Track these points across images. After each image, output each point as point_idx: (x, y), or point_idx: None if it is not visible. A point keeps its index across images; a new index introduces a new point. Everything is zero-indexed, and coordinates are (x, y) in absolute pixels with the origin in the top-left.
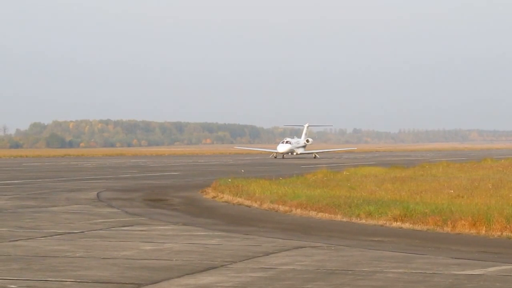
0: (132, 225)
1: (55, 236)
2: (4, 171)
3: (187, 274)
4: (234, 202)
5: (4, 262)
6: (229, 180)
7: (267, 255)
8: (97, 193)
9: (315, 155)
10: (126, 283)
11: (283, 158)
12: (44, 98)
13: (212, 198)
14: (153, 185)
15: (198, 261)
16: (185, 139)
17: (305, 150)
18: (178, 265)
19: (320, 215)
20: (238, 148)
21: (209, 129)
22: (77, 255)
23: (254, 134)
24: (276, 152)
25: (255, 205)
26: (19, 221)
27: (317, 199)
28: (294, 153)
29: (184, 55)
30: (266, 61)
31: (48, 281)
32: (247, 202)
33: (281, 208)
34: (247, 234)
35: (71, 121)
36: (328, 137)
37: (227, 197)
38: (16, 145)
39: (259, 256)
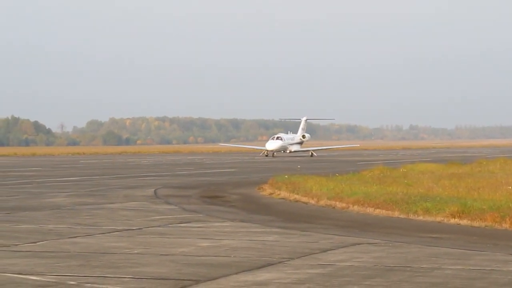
0: (189, 222)
1: (113, 233)
2: (62, 168)
3: (245, 271)
4: (291, 198)
5: (63, 259)
6: (286, 176)
7: (325, 251)
8: (154, 190)
9: (311, 153)
10: (184, 280)
11: (273, 156)
12: (101, 96)
13: (269, 195)
14: (210, 182)
15: (256, 258)
16: (241, 136)
17: (301, 148)
18: (235, 261)
19: (377, 211)
20: (222, 145)
21: (265, 126)
22: (135, 251)
23: (310, 131)
24: (266, 150)
25: (312, 201)
26: (78, 218)
27: (374, 196)
28: (288, 151)
29: (238, 52)
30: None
31: (107, 278)
32: (304, 199)
33: (338, 204)
34: (305, 231)
35: (128, 119)
36: (384, 133)
37: (284, 193)
38: (74, 143)
39: (317, 253)
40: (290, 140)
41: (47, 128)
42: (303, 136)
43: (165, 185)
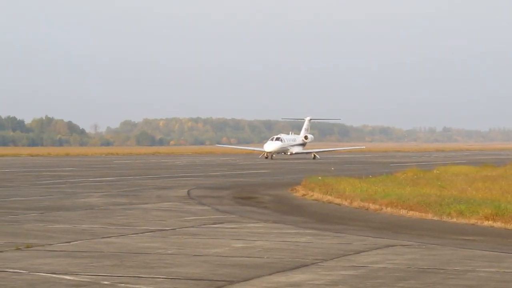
0: (222, 223)
1: (147, 233)
2: (96, 168)
3: (278, 272)
4: (324, 200)
5: (97, 259)
6: (319, 178)
7: (358, 253)
8: (188, 191)
9: (314, 155)
10: (217, 280)
11: (271, 158)
12: (135, 97)
13: (302, 196)
14: (243, 183)
15: (289, 259)
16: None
17: (303, 149)
18: (269, 262)
19: (410, 213)
20: (220, 146)
21: (298, 127)
22: (169, 252)
23: (343, 132)
24: (265, 152)
25: (345, 203)
26: (111, 218)
27: (408, 198)
28: (288, 153)
29: (273, 53)
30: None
31: (141, 278)
32: (337, 200)
33: (371, 206)
34: (338, 232)
35: (161, 119)
36: (417, 135)
37: (317, 195)
38: (107, 143)
39: (350, 254)
40: (291, 141)
41: (80, 128)
42: (306, 137)
43: (199, 185)
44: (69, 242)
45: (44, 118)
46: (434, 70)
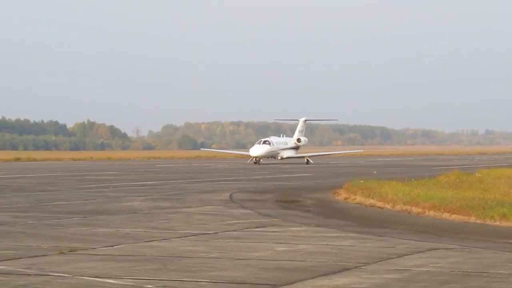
0: (265, 226)
1: (189, 237)
2: (138, 172)
3: (321, 275)
4: (367, 203)
5: (140, 262)
6: (361, 181)
7: (401, 256)
8: (230, 195)
9: (307, 160)
10: (260, 284)
11: (258, 163)
12: (177, 101)
13: (344, 199)
14: (285, 187)
15: (332, 263)
16: (316, 140)
17: (296, 153)
18: (312, 266)
19: (453, 217)
20: (204, 150)
21: (339, 130)
22: (212, 255)
23: (385, 135)
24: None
25: (388, 206)
26: (154, 222)
27: (450, 201)
28: (279, 157)
29: (313, 55)
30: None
31: (184, 281)
32: (380, 204)
33: (414, 209)
34: (381, 236)
35: (203, 123)
36: (459, 138)
37: (359, 198)
38: (149, 147)
39: (393, 258)
40: (281, 144)
41: (122, 132)
42: (298, 140)
43: (241, 189)
44: (112, 246)
45: (86, 122)
46: (476, 71)
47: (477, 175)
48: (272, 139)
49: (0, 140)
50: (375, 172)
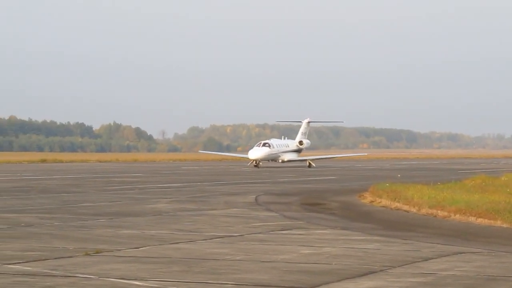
0: (290, 229)
1: (214, 239)
2: (164, 174)
3: (346, 279)
4: (392, 207)
5: (166, 265)
6: (387, 184)
7: (426, 260)
8: (255, 197)
9: (309, 163)
10: (285, 287)
11: (257, 166)
12: (202, 103)
13: (370, 202)
14: (310, 189)
15: (357, 266)
16: (341, 143)
17: (298, 156)
18: (337, 269)
19: (479, 220)
20: (202, 153)
21: (365, 133)
22: (237, 258)
23: (411, 139)
24: (252, 159)
25: (413, 210)
26: (179, 224)
27: (476, 205)
28: (279, 160)
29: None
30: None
31: (209, 284)
32: (405, 207)
33: (440, 213)
34: (406, 239)
35: (228, 125)
36: (485, 142)
37: (384, 201)
38: (174, 149)
39: (419, 261)
40: (282, 147)
41: (148, 134)
42: (301, 143)
43: (266, 192)
44: (137, 247)
45: (112, 124)
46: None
47: (503, 179)
48: (273, 141)
49: (27, 142)
50: (399, 175)
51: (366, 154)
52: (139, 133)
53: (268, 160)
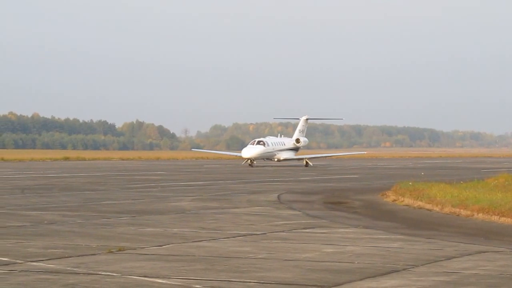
0: (313, 228)
1: (237, 237)
2: (186, 172)
3: (369, 277)
4: (415, 205)
5: (189, 263)
6: (410, 183)
7: (449, 259)
8: (278, 195)
9: (306, 162)
10: (308, 285)
11: (251, 165)
12: (225, 102)
13: (393, 201)
14: (333, 188)
15: (380, 264)
16: (364, 142)
17: (295, 155)
18: (360, 268)
19: (502, 219)
20: (195, 151)
21: (388, 132)
22: (260, 256)
23: (433, 137)
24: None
25: (436, 209)
26: (202, 222)
27: (499, 204)
28: (275, 159)
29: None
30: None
31: (232, 282)
32: (428, 206)
33: (463, 212)
34: (429, 238)
35: (251, 124)
36: (508, 141)
37: (407, 200)
38: (197, 147)
39: (441, 260)
40: (278, 145)
41: (171, 132)
42: (297, 141)
43: (289, 190)
44: (160, 245)
45: (135, 122)
46: None
47: None
48: (268, 139)
49: (50, 139)
50: (422, 173)
51: (364, 153)
52: (162, 131)
53: (264, 159)
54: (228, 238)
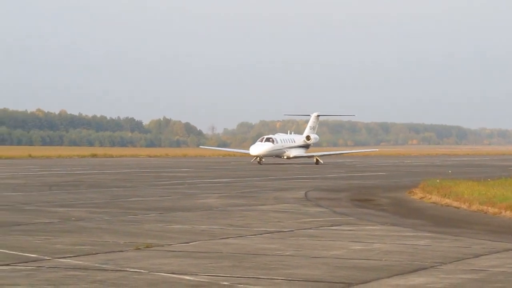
0: (340, 225)
1: (264, 235)
2: (213, 169)
3: (397, 275)
4: (442, 203)
5: (216, 259)
6: (437, 181)
7: (477, 257)
8: (305, 193)
9: (316, 160)
10: (336, 282)
11: (260, 163)
12: (252, 99)
13: (420, 199)
14: (360, 185)
15: (408, 262)
16: (391, 139)
17: (305, 152)
18: (387, 265)
19: None
20: (203, 148)
21: (415, 129)
22: (287, 253)
23: (460, 135)
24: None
25: (464, 206)
26: (229, 219)
27: None
28: (284, 156)
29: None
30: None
31: (260, 279)
32: (456, 204)
33: (490, 210)
34: (456, 236)
35: (278, 121)
36: None
37: (435, 198)
38: (224, 144)
39: (469, 258)
40: (287, 142)
41: (198, 129)
42: (308, 138)
43: (316, 187)
44: (188, 242)
45: (162, 119)
46: None
47: None
48: (277, 136)
49: (77, 136)
50: (450, 171)
51: (377, 150)
52: (189, 128)
53: (272, 156)
54: (255, 235)
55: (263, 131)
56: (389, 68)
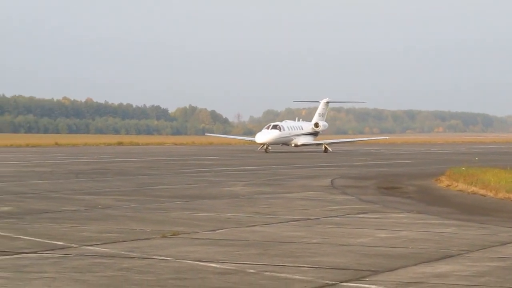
0: (366, 213)
1: (291, 222)
2: (239, 157)
3: (423, 262)
4: (469, 191)
5: (243, 247)
6: (463, 168)
7: (504, 244)
8: (331, 180)
9: (325, 147)
10: (362, 270)
11: (266, 151)
12: (278, 86)
13: (446, 186)
14: (386, 173)
15: (434, 250)
16: (417, 127)
17: (313, 140)
18: (413, 253)
19: None
20: (209, 135)
21: (441, 117)
22: (313, 241)
23: (487, 122)
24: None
25: (490, 194)
26: (256, 206)
27: None
28: (292, 144)
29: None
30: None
31: (286, 266)
32: (482, 191)
33: None
34: (483, 224)
35: (304, 109)
36: None
37: (461, 185)
38: (250, 132)
39: (496, 246)
40: (295, 129)
41: (224, 117)
42: (316, 125)
43: (342, 175)
44: (214, 230)
45: (188, 107)
46: None
47: None
48: (284, 123)
49: (103, 124)
50: (476, 159)
51: (387, 138)
52: (215, 116)
53: (280, 144)
54: (281, 223)
55: (288, 119)
56: (416, 55)
